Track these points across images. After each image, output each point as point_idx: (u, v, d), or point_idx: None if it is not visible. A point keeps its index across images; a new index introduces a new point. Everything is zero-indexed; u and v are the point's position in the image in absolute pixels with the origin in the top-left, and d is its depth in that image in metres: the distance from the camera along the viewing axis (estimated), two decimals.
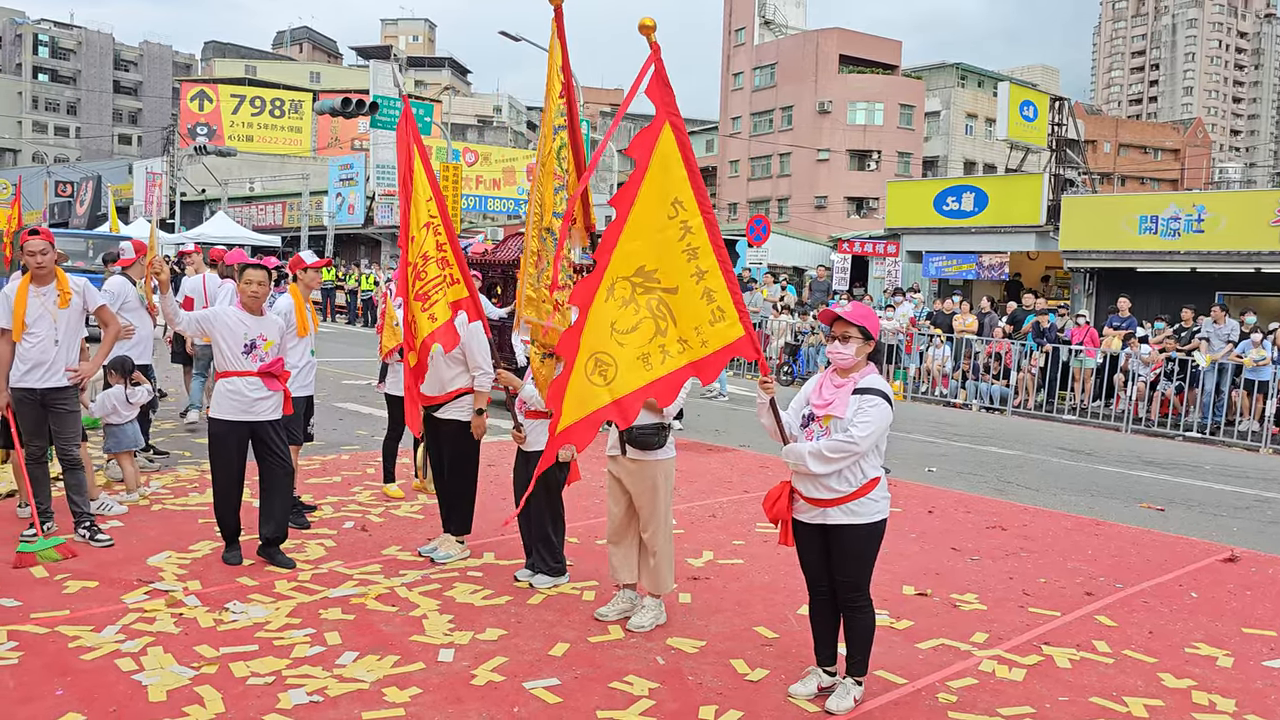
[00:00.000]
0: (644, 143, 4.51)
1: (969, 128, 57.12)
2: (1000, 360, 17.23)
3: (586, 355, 4.46)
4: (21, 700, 4.06)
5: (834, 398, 4.30)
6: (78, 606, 5.13)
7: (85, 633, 4.77)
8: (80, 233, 29.44)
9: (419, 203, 5.92)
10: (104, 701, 4.08)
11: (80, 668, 4.40)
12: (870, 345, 4.35)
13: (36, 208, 51.71)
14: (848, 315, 4.31)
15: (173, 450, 9.16)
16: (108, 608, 5.14)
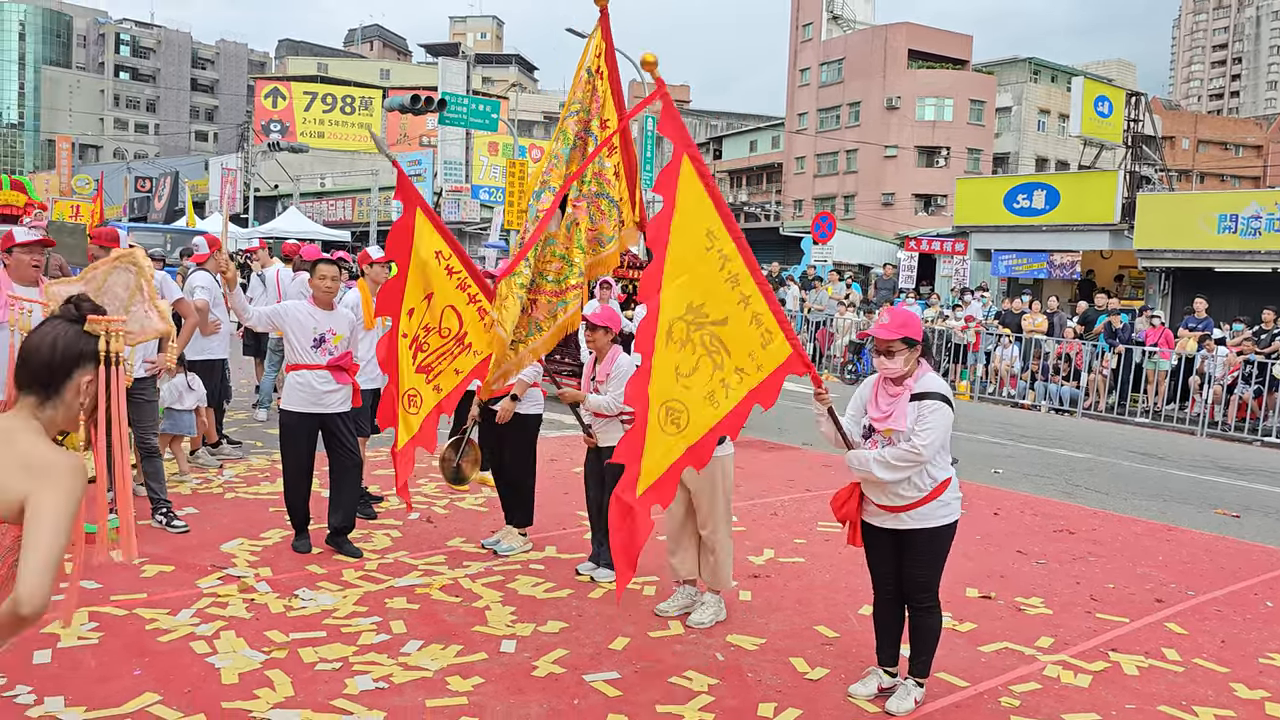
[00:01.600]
0: (668, 180, 4.40)
1: (1041, 124, 56.01)
2: (1070, 361, 16.90)
3: (658, 405, 4.29)
4: (102, 679, 4.21)
5: (892, 409, 4.24)
6: (155, 590, 5.30)
7: (162, 615, 4.93)
8: (158, 227, 30.26)
9: (423, 271, 5.68)
10: (179, 682, 4.21)
11: (157, 649, 4.55)
12: (917, 350, 4.27)
13: (117, 203, 53.29)
14: (884, 333, 4.21)
15: (245, 440, 9.39)
16: (183, 592, 5.30)
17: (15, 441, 2.24)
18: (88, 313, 2.38)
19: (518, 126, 42.02)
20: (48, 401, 2.34)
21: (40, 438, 2.28)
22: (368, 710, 4.04)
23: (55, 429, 2.37)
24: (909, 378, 4.27)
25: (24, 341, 2.40)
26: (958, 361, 18.44)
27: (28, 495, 2.15)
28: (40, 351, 2.34)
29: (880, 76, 52.72)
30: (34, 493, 2.15)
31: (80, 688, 4.11)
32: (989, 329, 18.46)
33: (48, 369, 2.33)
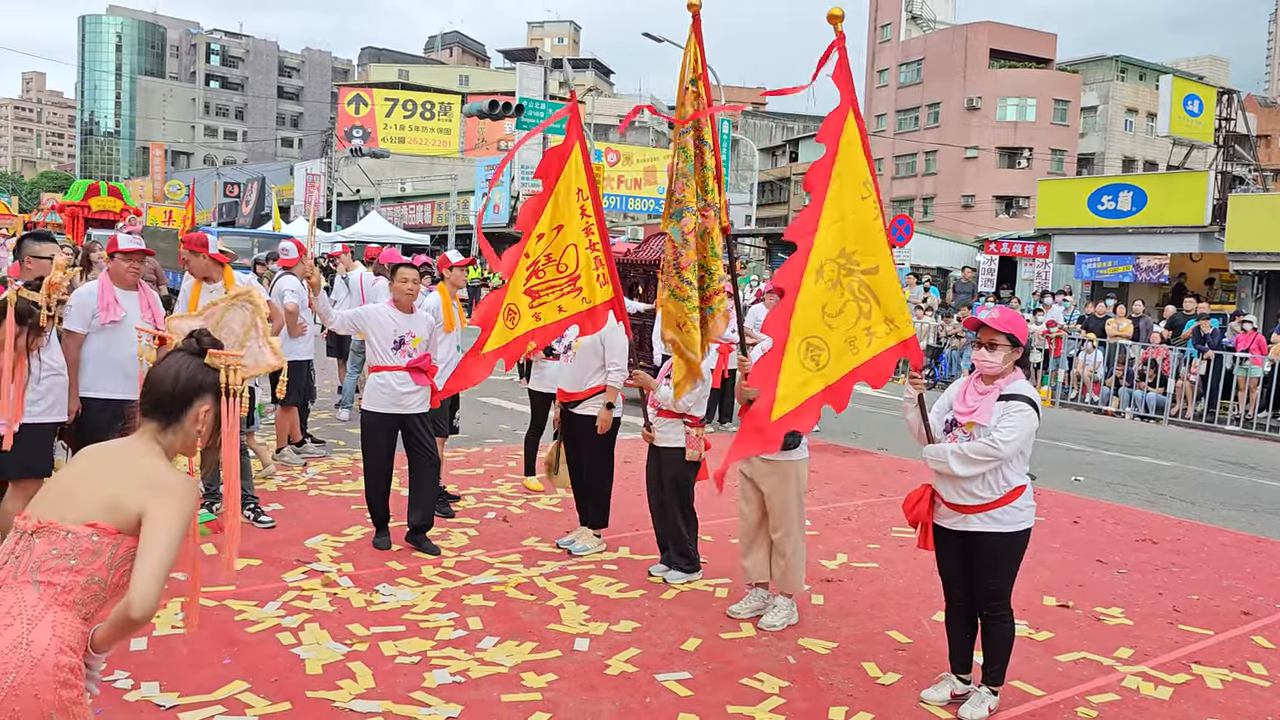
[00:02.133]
0: (832, 128, 4.56)
1: (1129, 123, 54.53)
2: (1156, 367, 16.45)
3: (799, 339, 4.33)
4: (193, 667, 4.39)
5: (978, 404, 4.24)
6: (243, 583, 5.50)
7: (249, 607, 5.11)
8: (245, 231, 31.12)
9: (561, 201, 5.94)
10: (266, 672, 4.38)
11: (245, 639, 4.73)
12: (1018, 352, 4.26)
13: (207, 207, 54.99)
14: (994, 322, 4.23)
15: (328, 439, 9.65)
16: (269, 585, 5.49)
17: (138, 462, 2.43)
18: (208, 347, 2.58)
19: (594, 130, 42.33)
20: (169, 428, 2.53)
21: (161, 460, 2.47)
22: (445, 703, 4.15)
23: (174, 453, 2.56)
24: (1001, 378, 4.25)
25: (149, 372, 2.60)
26: (1039, 367, 18.07)
27: (146, 510, 2.31)
28: (164, 382, 2.54)
29: (960, 76, 51.87)
30: (151, 508, 2.32)
31: (173, 674, 4.29)
32: (1071, 333, 18.07)
33: (170, 398, 2.53)
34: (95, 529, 2.29)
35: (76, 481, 2.38)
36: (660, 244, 12.77)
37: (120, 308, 5.78)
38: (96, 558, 2.28)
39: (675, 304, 5.44)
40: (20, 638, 2.17)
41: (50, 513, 2.31)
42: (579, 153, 5.83)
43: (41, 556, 2.25)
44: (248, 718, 3.95)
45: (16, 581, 2.23)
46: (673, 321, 5.46)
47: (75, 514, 2.30)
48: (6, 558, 2.27)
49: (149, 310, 5.94)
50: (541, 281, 5.78)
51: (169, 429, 2.53)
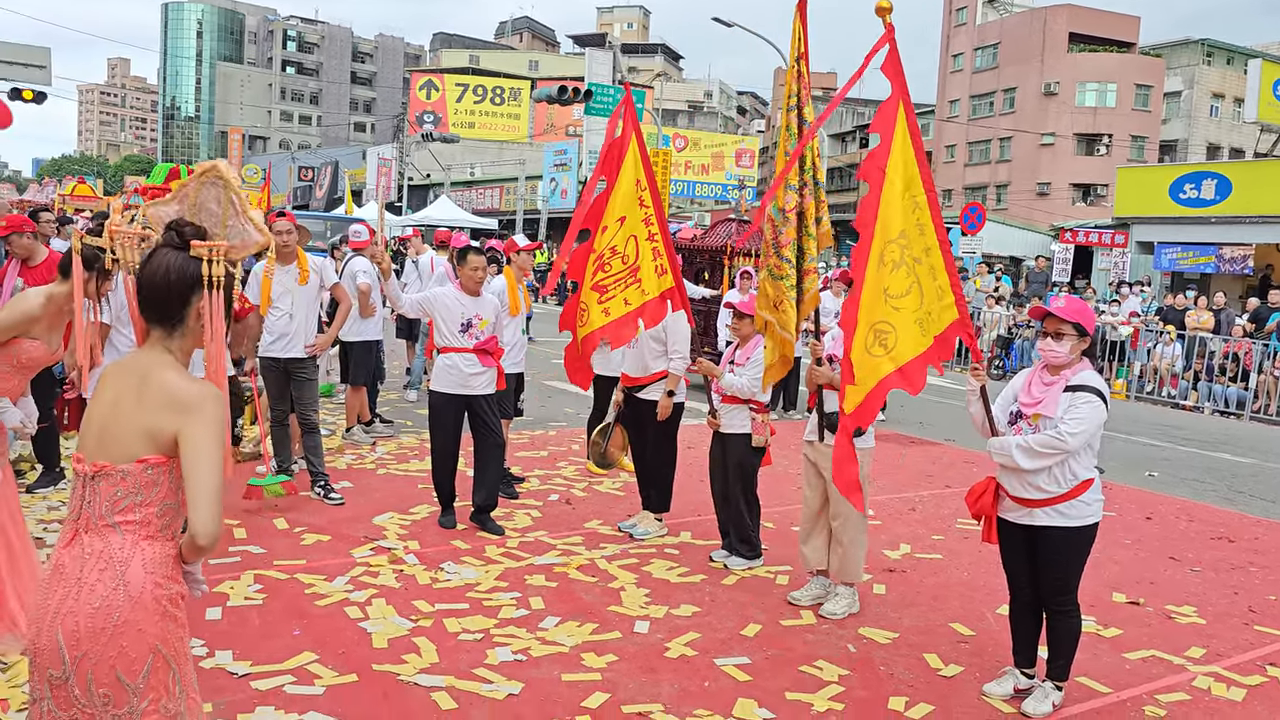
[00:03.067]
0: (886, 119, 4.62)
1: (1214, 109, 52.78)
2: (1238, 361, 15.96)
3: (865, 329, 4.39)
4: (265, 636, 4.52)
5: (1044, 395, 4.16)
6: (313, 558, 5.64)
7: (319, 581, 5.24)
8: (319, 214, 31.68)
9: (622, 193, 6.00)
10: (334, 644, 4.49)
11: (314, 612, 4.85)
12: (1085, 342, 4.17)
13: (282, 191, 56.08)
14: (1060, 311, 4.15)
15: (397, 419, 9.81)
16: (338, 560, 5.62)
17: (156, 380, 2.37)
18: (190, 238, 2.47)
19: (662, 116, 42.26)
20: (174, 330, 2.46)
21: (176, 371, 2.41)
22: (507, 680, 4.22)
23: (188, 354, 2.49)
24: (1068, 369, 4.17)
25: (139, 276, 2.50)
26: (1114, 359, 17.66)
27: (179, 431, 2.31)
28: (156, 284, 2.43)
29: (1038, 61, 50.64)
30: (184, 428, 2.31)
31: (247, 643, 4.42)
32: (1149, 325, 17.60)
33: (166, 299, 2.43)
34: (145, 464, 2.32)
35: (109, 418, 2.37)
36: (726, 230, 12.73)
37: None
38: (158, 487, 2.34)
39: (773, 283, 5.41)
40: (117, 580, 2.28)
41: (100, 455, 2.35)
42: (636, 144, 5.90)
43: (110, 499, 2.32)
44: (316, 688, 4.05)
45: (99, 527, 2.32)
46: (769, 302, 5.43)
47: (121, 454, 2.33)
48: (80, 504, 2.35)
49: None
50: (607, 276, 5.89)
51: (175, 332, 2.46)
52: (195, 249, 2.44)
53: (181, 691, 2.40)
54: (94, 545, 2.31)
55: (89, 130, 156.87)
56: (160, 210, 2.56)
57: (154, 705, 2.33)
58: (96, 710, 2.26)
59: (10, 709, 3.72)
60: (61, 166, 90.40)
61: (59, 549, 2.36)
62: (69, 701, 2.26)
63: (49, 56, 21.40)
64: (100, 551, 2.30)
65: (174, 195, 2.57)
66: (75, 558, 2.31)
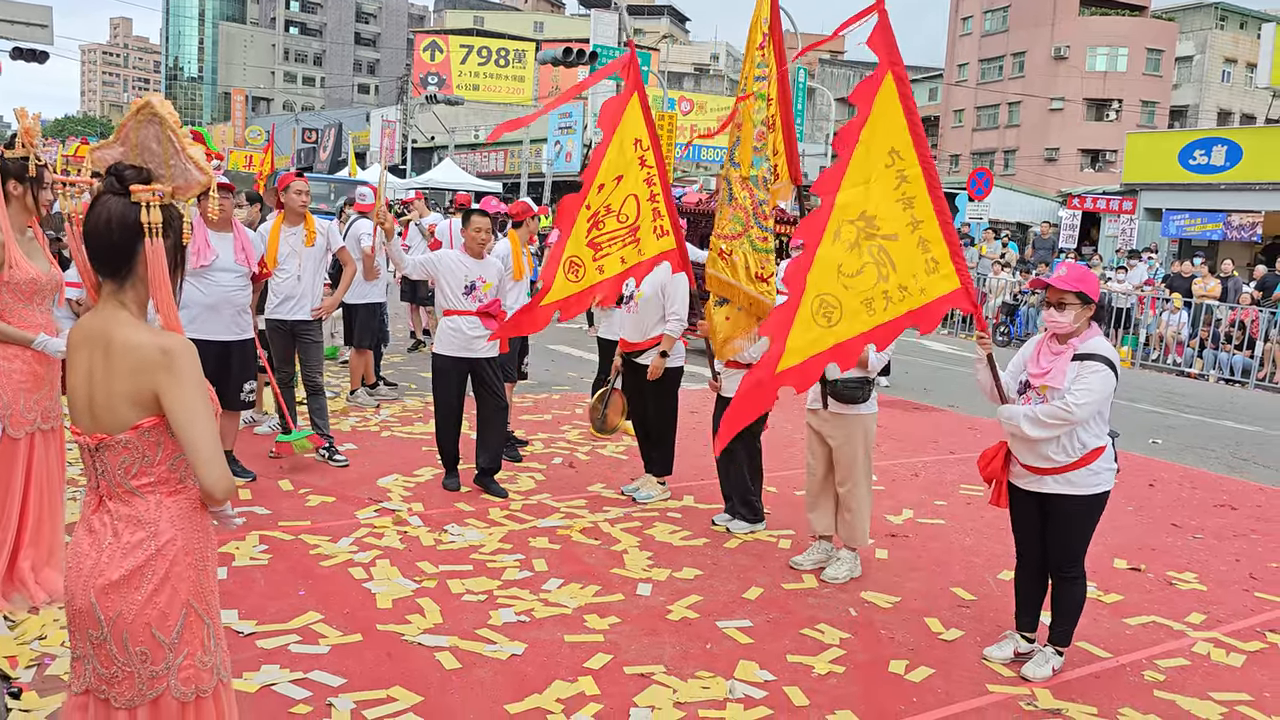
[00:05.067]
0: (866, 91, 4.51)
1: (1226, 74, 52.25)
2: (1245, 329, 15.91)
3: (813, 295, 4.36)
4: (270, 596, 4.55)
5: (1051, 365, 4.13)
6: (318, 519, 5.66)
7: (324, 542, 5.27)
8: (323, 176, 31.54)
9: (621, 151, 5.86)
10: (339, 604, 4.51)
11: (319, 573, 4.88)
12: (1090, 309, 4.13)
13: (285, 153, 55.83)
14: (1061, 281, 4.10)
15: (400, 382, 9.82)
16: (343, 521, 5.65)
17: (116, 343, 2.28)
18: (131, 182, 2.33)
19: (668, 79, 41.91)
20: (126, 282, 2.34)
21: (134, 327, 2.31)
22: (510, 641, 4.24)
23: (143, 305, 2.38)
24: (1075, 337, 4.14)
25: (83, 228, 2.36)
26: (1120, 326, 17.60)
27: (158, 390, 2.25)
28: (99, 234, 2.30)
29: (1048, 25, 50.08)
30: (162, 388, 2.25)
31: (252, 603, 4.45)
32: (1156, 293, 17.52)
33: (112, 249, 2.31)
34: (140, 429, 2.29)
35: (89, 390, 2.31)
36: None
37: (211, 251, 5.93)
38: (162, 446, 2.32)
39: (755, 254, 5.37)
40: (149, 539, 2.30)
41: (95, 427, 2.31)
42: (637, 102, 5.82)
43: (120, 467, 2.31)
44: (321, 647, 4.08)
45: (120, 493, 2.32)
46: (750, 275, 5.38)
47: (113, 423, 2.29)
48: (94, 474, 2.35)
49: (242, 252, 6.08)
50: (603, 233, 5.81)
51: (127, 283, 2.34)
52: (136, 194, 2.31)
53: (216, 645, 2.44)
54: (120, 510, 2.32)
55: (92, 91, 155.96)
56: (104, 154, 2.44)
57: (189, 659, 2.36)
58: (135, 667, 2.30)
59: (20, 665, 3.75)
60: (64, 127, 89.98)
61: (87, 514, 2.37)
62: (109, 659, 2.30)
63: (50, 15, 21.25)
64: (128, 515, 2.31)
65: (115, 137, 2.45)
66: (105, 522, 2.33)
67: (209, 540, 2.45)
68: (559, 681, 3.93)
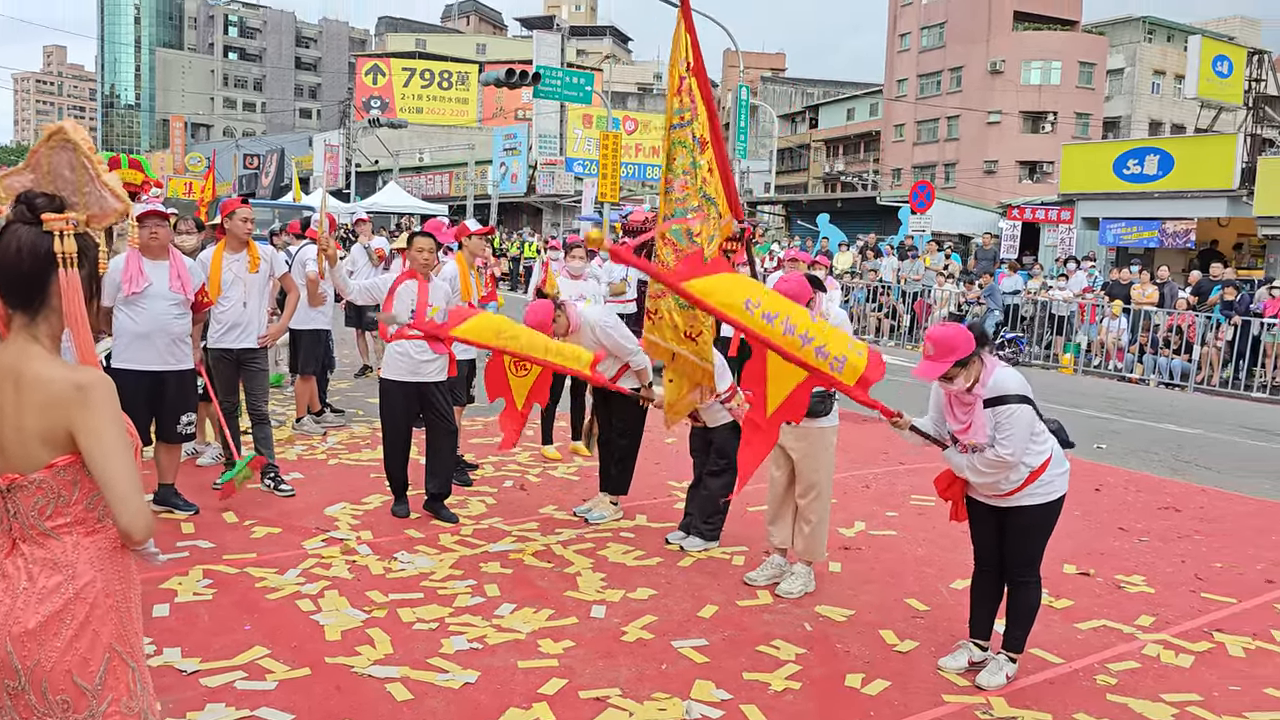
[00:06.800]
0: None
1: (1156, 85, 53.65)
2: (1182, 334, 16.26)
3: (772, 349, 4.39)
4: (215, 632, 4.43)
5: (968, 418, 4.13)
6: (264, 550, 5.54)
7: (270, 574, 5.15)
8: (266, 202, 31.15)
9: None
10: (286, 637, 4.41)
11: (266, 606, 4.76)
12: (977, 360, 4.09)
13: (227, 179, 55.13)
14: (931, 372, 4.05)
15: (348, 409, 9.69)
16: (289, 552, 5.53)
17: (26, 378, 2.17)
18: (42, 210, 2.22)
19: (611, 98, 42.07)
20: (38, 314, 2.24)
21: (45, 361, 2.20)
22: (462, 669, 4.17)
23: (57, 339, 2.27)
24: (977, 384, 4.12)
25: None
26: (1060, 333, 17.92)
27: (70, 427, 2.15)
28: (9, 264, 2.20)
29: (984, 40, 51.10)
30: (76, 424, 2.15)
31: (196, 640, 4.33)
32: (1096, 300, 17.86)
33: (23, 280, 2.21)
34: (55, 468, 2.19)
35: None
36: None
37: (144, 278, 5.81)
38: (78, 485, 2.22)
39: (683, 312, 5.22)
40: (66, 583, 2.19)
41: (5, 467, 2.20)
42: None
43: (34, 508, 2.20)
44: (267, 683, 3.98)
45: (34, 535, 2.21)
46: (679, 334, 5.24)
47: (26, 463, 2.18)
48: (6, 518, 2.24)
49: (178, 279, 5.96)
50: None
51: (39, 316, 2.23)
52: (48, 223, 2.20)
53: (143, 689, 2.33)
54: (35, 553, 2.21)
55: (25, 120, 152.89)
56: (14, 181, 2.34)
57: (114, 706, 2.25)
58: (56, 716, 2.18)
59: None
60: None
61: (0, 559, 2.26)
62: (29, 710, 2.18)
63: None
64: (43, 558, 2.20)
65: (26, 164, 2.35)
66: (19, 566, 2.21)
67: (131, 580, 2.33)
68: (513, 709, 3.86)
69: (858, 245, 23.48)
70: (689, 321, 5.25)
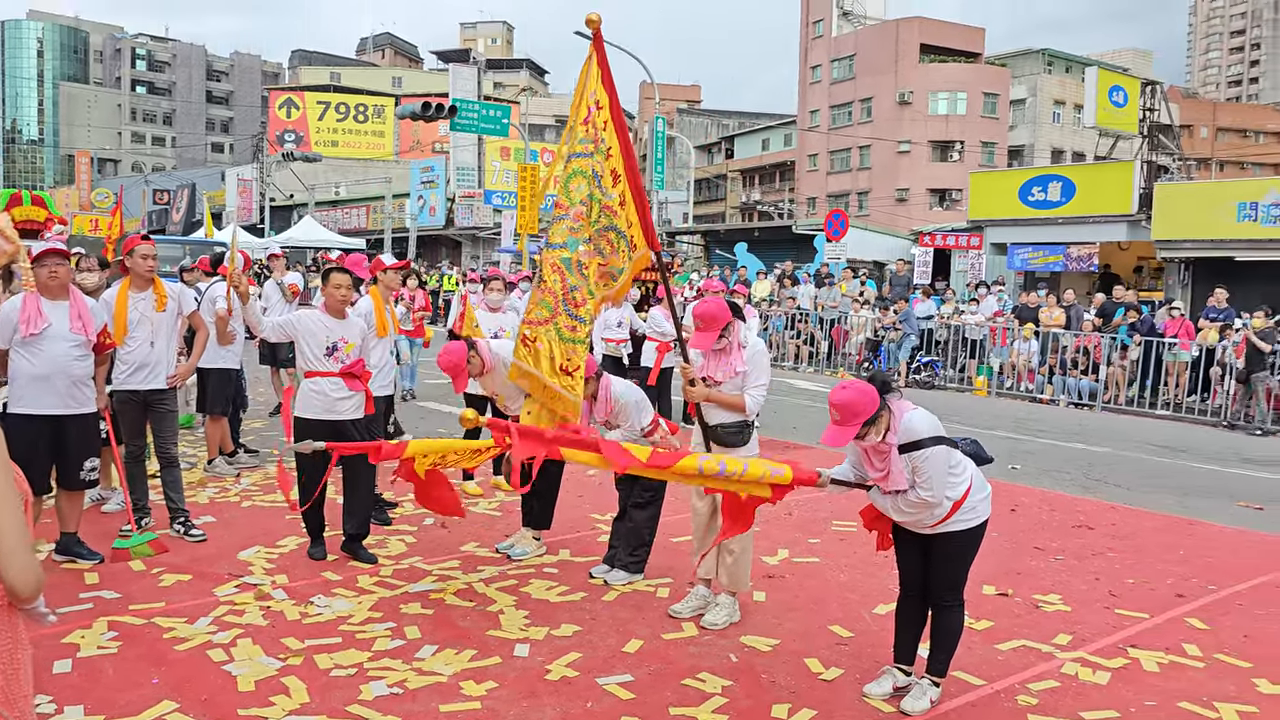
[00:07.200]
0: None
1: (1056, 115, 55.62)
2: (1089, 355, 16.78)
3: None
4: (120, 688, 4.24)
5: (885, 466, 4.17)
6: (173, 599, 5.34)
7: (179, 624, 4.96)
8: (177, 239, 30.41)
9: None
10: (196, 690, 4.24)
11: (174, 658, 4.58)
12: (885, 411, 4.12)
13: (135, 215, 53.72)
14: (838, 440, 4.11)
15: (262, 449, 9.43)
16: (200, 600, 5.34)
17: None
18: None
19: (529, 131, 42.11)
20: None
21: None
22: (383, 716, 4.05)
23: None
24: (889, 432, 4.15)
25: None
26: (974, 356, 18.34)
27: None
28: None
29: (892, 72, 52.49)
30: None
31: (100, 696, 4.14)
32: (1006, 323, 18.33)
33: None
34: None
35: None
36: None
37: (43, 319, 5.60)
38: None
39: (562, 345, 5.15)
40: None
41: None
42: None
43: None
44: None
45: None
46: (555, 367, 5.16)
47: None
48: None
49: (79, 320, 5.75)
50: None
51: None
52: None
53: None
54: None
55: None
56: None
57: None
58: None
59: None
60: None
61: None
62: None
63: None
64: None
65: None
66: None
67: (18, 639, 2.20)
68: None
69: (775, 273, 23.79)
70: (566, 354, 5.18)
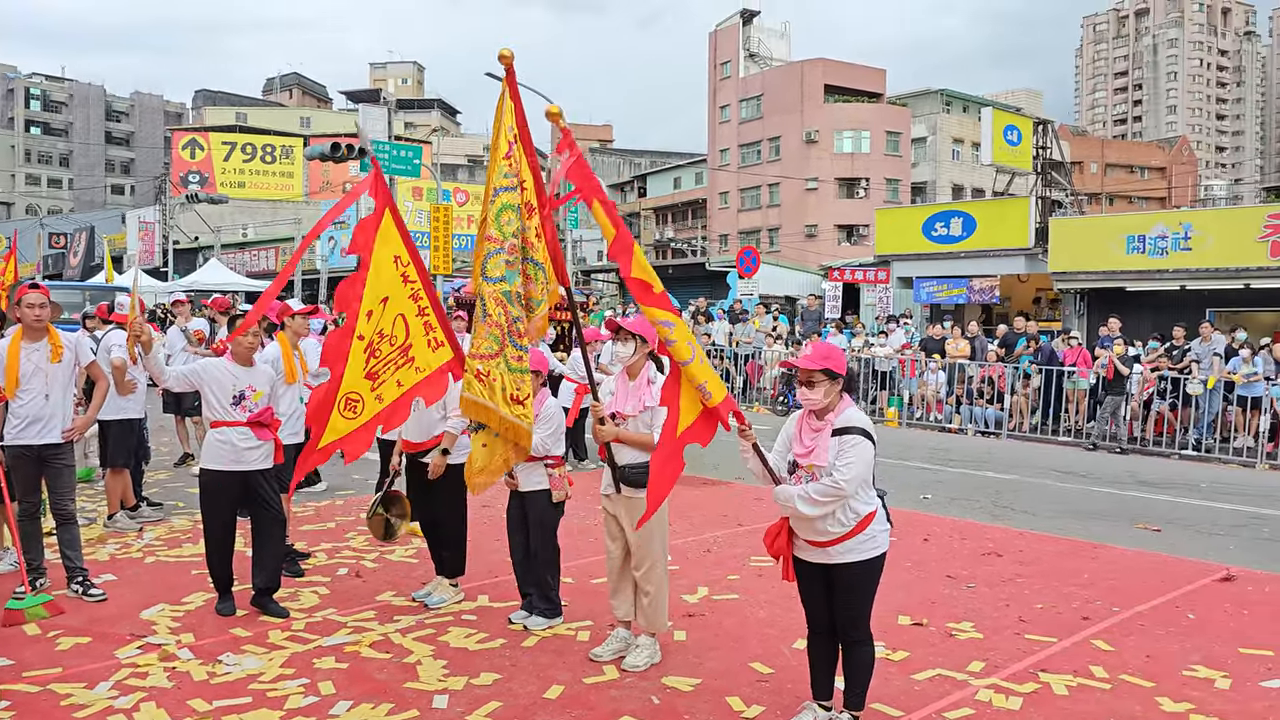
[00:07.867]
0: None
1: (955, 153, 57.53)
2: (994, 384, 17.26)
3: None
4: None
5: (814, 444, 4.27)
6: (70, 663, 5.11)
7: (78, 690, 4.75)
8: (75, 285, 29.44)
9: (382, 273, 5.76)
10: None
11: None
12: (839, 383, 4.30)
13: (30, 260, 51.80)
14: (806, 362, 4.27)
15: (166, 501, 9.14)
16: (100, 664, 5.12)
17: None
18: None
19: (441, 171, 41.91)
20: None
21: None
22: None
23: None
24: (830, 412, 4.30)
25: None
26: (884, 389, 18.72)
27: None
28: None
29: (798, 111, 53.76)
30: None
31: None
32: (914, 355, 18.77)
33: None
34: None
35: None
36: None
37: None
38: None
39: (511, 375, 5.16)
40: None
41: None
42: (390, 218, 5.81)
43: None
44: None
45: None
46: (506, 397, 5.14)
47: None
48: None
49: None
50: (379, 361, 5.74)
51: None
52: None
53: None
54: None
55: None
56: None
57: None
58: None
59: None
60: None
61: None
62: None
63: None
64: None
65: None
66: None
67: None
68: None
69: (690, 310, 24.01)
70: (516, 384, 5.19)
